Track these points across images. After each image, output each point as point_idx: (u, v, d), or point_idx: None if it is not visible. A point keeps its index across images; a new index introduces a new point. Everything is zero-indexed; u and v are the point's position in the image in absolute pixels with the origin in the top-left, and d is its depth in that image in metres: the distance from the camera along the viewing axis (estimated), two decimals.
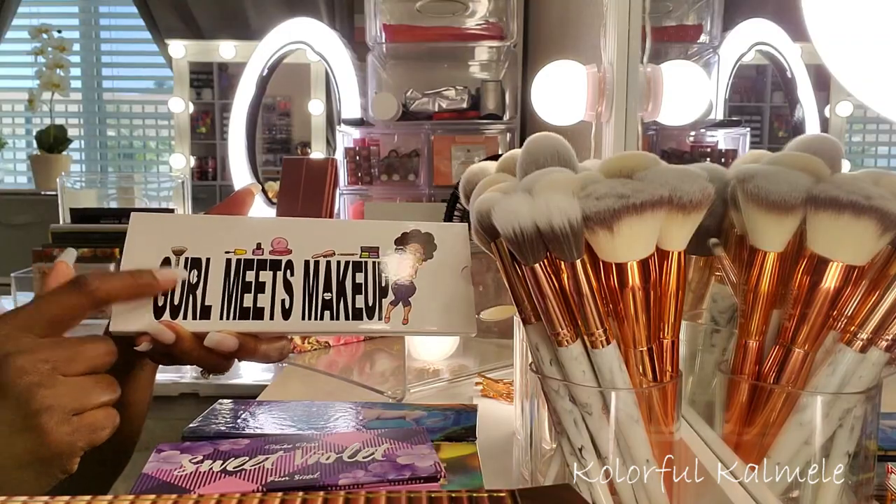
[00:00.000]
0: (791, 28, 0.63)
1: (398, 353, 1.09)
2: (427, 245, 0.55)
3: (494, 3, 1.98)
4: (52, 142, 2.66)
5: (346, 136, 2.07)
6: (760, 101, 0.78)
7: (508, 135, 2.02)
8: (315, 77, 2.38)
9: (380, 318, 0.53)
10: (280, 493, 0.31)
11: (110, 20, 3.00)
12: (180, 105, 2.54)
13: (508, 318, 0.96)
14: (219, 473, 0.46)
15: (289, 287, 0.52)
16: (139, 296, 0.49)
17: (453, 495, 0.31)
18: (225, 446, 0.50)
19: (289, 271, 0.52)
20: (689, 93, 0.86)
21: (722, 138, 0.83)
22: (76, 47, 2.85)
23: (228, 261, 0.52)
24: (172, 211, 2.21)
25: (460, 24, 1.99)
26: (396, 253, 0.54)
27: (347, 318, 0.52)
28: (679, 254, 0.44)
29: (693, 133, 0.91)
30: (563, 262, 0.42)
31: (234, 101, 2.25)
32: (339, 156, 2.03)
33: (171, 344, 0.49)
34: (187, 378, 1.47)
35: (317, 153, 2.42)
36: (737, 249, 0.47)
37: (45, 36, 2.62)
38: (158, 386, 0.67)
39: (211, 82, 2.65)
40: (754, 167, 0.43)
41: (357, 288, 0.53)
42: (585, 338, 0.43)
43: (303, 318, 0.52)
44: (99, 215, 1.75)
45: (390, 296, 0.53)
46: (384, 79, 2.14)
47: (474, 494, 0.31)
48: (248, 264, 0.52)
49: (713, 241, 0.48)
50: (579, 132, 1.04)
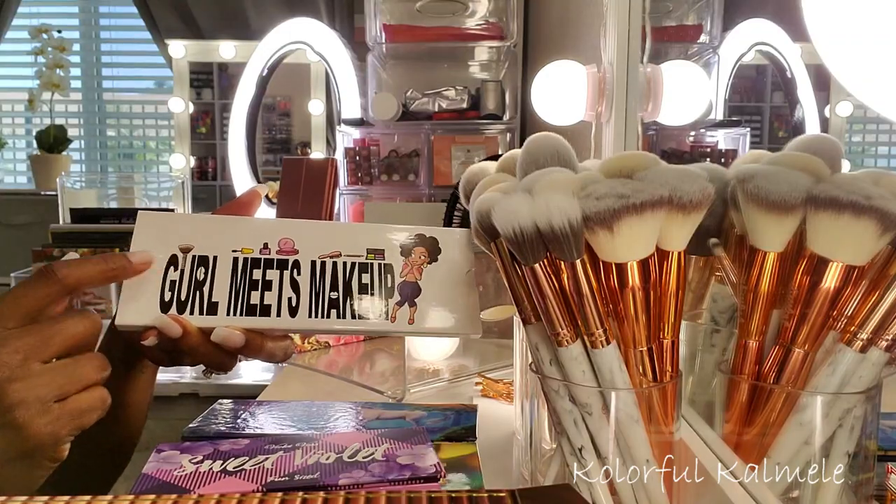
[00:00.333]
0: (791, 28, 0.63)
1: (398, 353, 1.09)
2: (432, 248, 0.56)
3: (494, 3, 1.98)
4: (52, 142, 2.66)
5: (346, 136, 2.07)
6: (760, 101, 0.78)
7: (508, 135, 2.02)
8: (315, 77, 2.38)
9: (386, 318, 0.53)
10: (280, 493, 0.31)
11: (110, 20, 3.00)
12: (180, 105, 2.54)
13: (508, 318, 0.96)
14: (219, 473, 0.46)
15: (296, 286, 0.53)
16: (112, 279, 0.49)
17: (453, 495, 0.31)
18: (225, 446, 0.50)
19: (295, 270, 0.53)
20: (688, 93, 0.86)
21: (722, 138, 0.83)
22: (76, 47, 2.85)
23: (235, 259, 0.52)
24: (173, 211, 2.21)
25: (460, 24, 1.99)
26: (402, 255, 0.55)
27: (354, 318, 0.53)
28: (679, 254, 0.44)
29: (693, 133, 0.91)
30: (563, 262, 0.42)
31: (234, 101, 2.25)
32: (339, 156, 2.03)
33: (177, 339, 0.49)
34: (187, 378, 1.47)
35: (317, 153, 2.42)
36: (737, 249, 0.47)
37: (45, 36, 2.62)
38: (158, 386, 0.67)
39: (211, 82, 2.65)
40: (754, 167, 0.43)
41: (363, 288, 0.54)
42: (585, 338, 0.43)
43: (309, 316, 0.52)
44: (99, 215, 1.75)
45: (396, 296, 0.54)
46: (384, 79, 2.14)
47: (474, 494, 0.31)
48: (255, 263, 0.53)
49: (713, 241, 0.48)
50: (579, 132, 1.04)
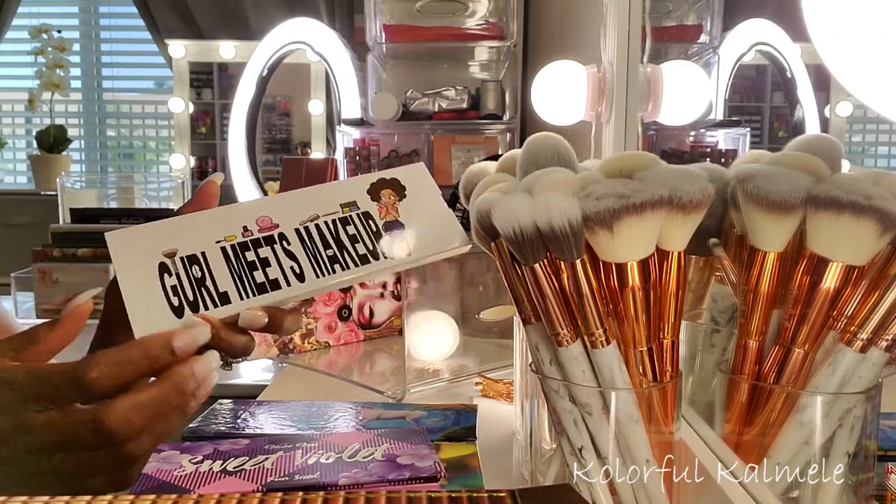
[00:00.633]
0: (791, 28, 0.63)
1: (398, 353, 1.09)
2: (396, 187, 0.58)
3: (494, 3, 1.98)
4: (52, 142, 2.66)
5: (346, 136, 2.07)
6: (760, 101, 0.78)
7: (508, 135, 2.02)
8: (315, 77, 2.38)
9: (385, 258, 0.55)
10: (280, 493, 0.31)
11: (110, 20, 3.00)
12: (180, 105, 2.54)
13: (508, 318, 0.96)
14: (219, 473, 0.46)
15: (291, 255, 0.54)
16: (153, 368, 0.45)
17: (453, 495, 0.31)
18: (225, 446, 0.50)
19: (284, 241, 0.54)
20: (688, 93, 0.86)
21: (722, 138, 0.83)
22: (76, 47, 2.85)
23: (223, 248, 0.53)
24: (173, 210, 2.21)
25: (460, 24, 1.99)
26: (373, 201, 0.57)
27: (357, 265, 0.54)
28: (679, 254, 0.44)
29: (693, 133, 0.91)
30: (563, 262, 0.42)
31: (234, 101, 2.25)
32: (339, 156, 2.03)
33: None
34: None
35: (317, 153, 2.42)
36: (737, 249, 0.47)
37: (45, 36, 2.62)
38: None
39: (211, 82, 2.65)
40: (754, 167, 0.43)
41: (353, 238, 0.55)
42: (585, 338, 0.43)
43: (317, 277, 0.53)
44: (99, 215, 1.75)
45: (385, 237, 0.56)
46: (384, 79, 2.14)
47: (474, 494, 0.31)
48: (244, 246, 0.53)
49: (713, 241, 0.48)
50: (579, 132, 1.04)
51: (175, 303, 0.50)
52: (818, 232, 0.40)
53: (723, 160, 0.81)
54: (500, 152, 1.94)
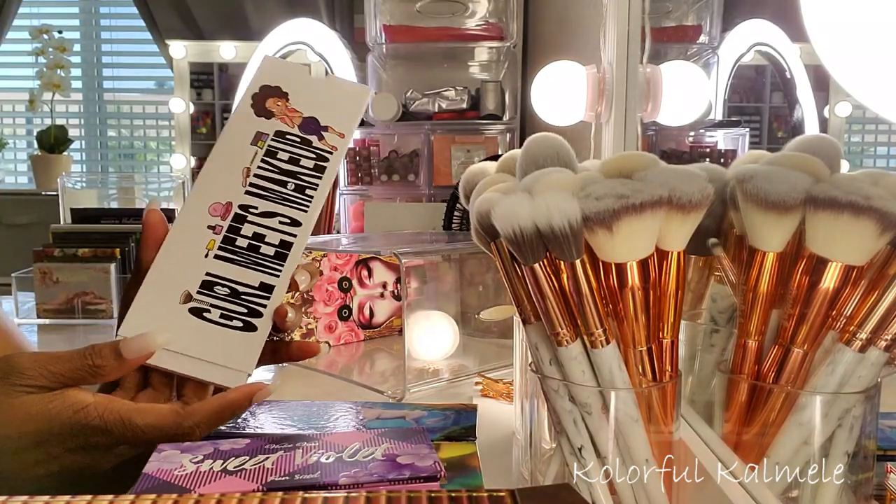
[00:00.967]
0: (790, 29, 0.63)
1: (398, 353, 1.09)
2: (275, 93, 0.58)
3: (494, 3, 1.98)
4: (53, 142, 2.66)
5: None
6: (760, 101, 0.78)
7: (508, 135, 2.02)
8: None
9: (328, 152, 0.56)
10: (280, 493, 0.31)
11: (110, 20, 3.01)
12: (181, 105, 2.54)
13: (508, 318, 0.96)
14: (219, 473, 0.46)
15: (268, 214, 0.54)
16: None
17: (453, 495, 0.31)
18: (225, 446, 0.50)
19: (250, 210, 0.54)
20: (688, 93, 0.86)
21: (721, 138, 0.83)
22: (76, 48, 2.85)
23: (217, 255, 0.53)
24: (173, 210, 2.21)
25: (460, 25, 1.99)
26: (268, 118, 0.57)
27: (319, 175, 0.55)
28: (678, 254, 0.44)
29: (692, 133, 0.91)
30: (562, 262, 0.42)
31: (235, 102, 2.25)
32: None
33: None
34: None
35: None
36: (736, 249, 0.48)
37: (45, 36, 2.63)
38: None
39: (211, 83, 2.65)
40: (753, 167, 0.43)
41: (292, 160, 0.56)
42: (585, 338, 0.43)
43: (305, 210, 0.54)
44: (99, 215, 1.74)
45: (311, 138, 0.56)
46: (384, 79, 2.14)
47: (474, 494, 0.31)
48: (227, 240, 0.53)
49: (712, 241, 0.48)
50: (579, 132, 1.04)
51: (238, 324, 0.51)
52: (817, 232, 0.41)
53: (722, 160, 0.81)
54: (500, 152, 1.94)
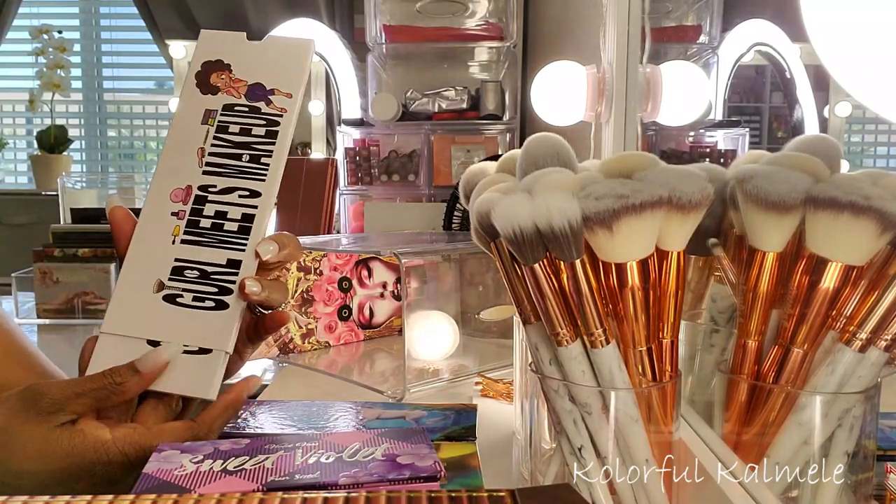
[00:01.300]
0: (790, 29, 0.63)
1: (398, 353, 1.09)
2: (218, 67, 0.57)
3: (494, 3, 1.98)
4: (53, 142, 2.66)
5: (346, 137, 2.07)
6: (759, 101, 0.78)
7: (508, 135, 2.02)
8: (315, 77, 2.38)
9: (278, 115, 0.55)
10: (280, 493, 0.31)
11: (110, 20, 3.00)
12: None
13: (508, 318, 0.96)
14: (219, 473, 0.46)
15: (228, 190, 0.54)
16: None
17: (453, 495, 0.31)
18: (225, 446, 0.50)
19: (210, 189, 0.54)
20: (688, 93, 0.86)
21: (721, 138, 0.83)
22: (76, 48, 2.85)
23: (184, 241, 0.53)
24: None
25: (460, 25, 1.99)
26: (214, 93, 0.56)
27: (272, 141, 0.55)
28: (678, 254, 0.44)
29: (692, 133, 0.91)
30: (562, 262, 0.42)
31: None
32: (339, 156, 2.03)
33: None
34: None
35: (317, 153, 2.42)
36: (736, 249, 0.48)
37: (45, 36, 2.63)
38: None
39: None
40: (753, 167, 0.43)
41: (244, 131, 0.55)
42: (585, 338, 0.43)
43: (264, 180, 0.54)
44: (99, 215, 1.75)
45: (260, 104, 0.56)
46: (384, 79, 2.14)
47: (474, 494, 0.31)
48: (192, 223, 0.54)
49: (712, 241, 0.48)
50: (579, 132, 1.04)
51: (210, 304, 0.51)
52: (817, 232, 0.41)
53: (722, 160, 0.81)
54: (499, 152, 1.94)
